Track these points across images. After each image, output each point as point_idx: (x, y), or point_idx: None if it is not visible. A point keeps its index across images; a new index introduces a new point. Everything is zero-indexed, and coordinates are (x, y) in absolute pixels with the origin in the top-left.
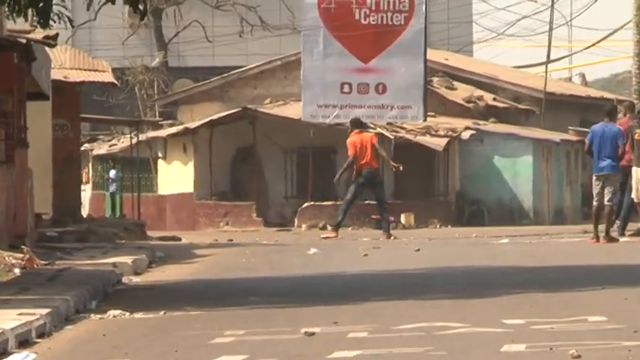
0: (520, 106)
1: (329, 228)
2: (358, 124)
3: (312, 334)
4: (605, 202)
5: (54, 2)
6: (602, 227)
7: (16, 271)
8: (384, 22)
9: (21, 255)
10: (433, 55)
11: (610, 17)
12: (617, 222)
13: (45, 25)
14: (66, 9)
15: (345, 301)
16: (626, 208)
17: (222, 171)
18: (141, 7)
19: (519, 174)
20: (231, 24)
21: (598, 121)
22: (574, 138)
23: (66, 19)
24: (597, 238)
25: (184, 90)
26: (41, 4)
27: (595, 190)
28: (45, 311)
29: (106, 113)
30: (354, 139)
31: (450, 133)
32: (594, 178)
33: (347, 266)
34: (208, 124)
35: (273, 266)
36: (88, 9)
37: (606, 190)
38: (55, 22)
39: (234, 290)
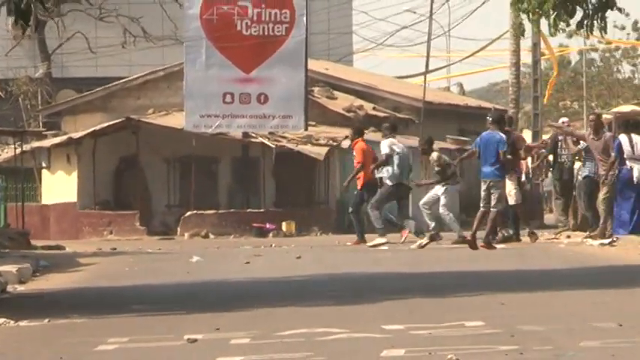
0: (399, 115)
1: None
2: (362, 133)
3: (195, 340)
4: (491, 208)
5: None
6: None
7: None
8: (266, 33)
9: None
10: (314, 65)
11: (487, 28)
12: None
13: None
14: None
15: (227, 308)
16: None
17: (106, 180)
18: (31, 21)
19: None
20: (115, 35)
21: (476, 129)
22: (452, 146)
23: None
24: (472, 239)
25: (68, 100)
26: None
27: (482, 195)
28: None
29: None
30: (363, 145)
31: (330, 142)
32: (481, 183)
33: (229, 274)
34: (92, 135)
35: (156, 274)
36: None
37: (492, 197)
38: None
39: (118, 298)
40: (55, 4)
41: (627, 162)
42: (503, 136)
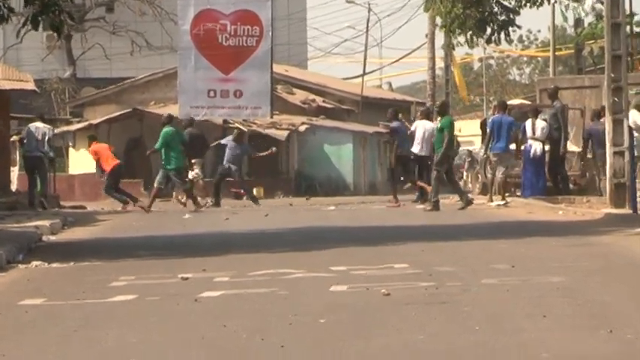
0: (343, 106)
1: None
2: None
3: (187, 278)
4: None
5: None
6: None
7: None
8: (240, 44)
9: None
10: (277, 68)
11: (410, 40)
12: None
13: None
14: None
15: (211, 253)
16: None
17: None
18: (63, 32)
19: (342, 157)
20: (124, 45)
21: (402, 117)
22: (383, 130)
23: None
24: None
25: (89, 95)
26: None
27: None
28: None
29: (29, 113)
30: None
31: (290, 126)
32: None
33: (213, 228)
34: (107, 121)
35: (156, 228)
36: (17, 37)
37: (500, 166)
38: None
39: (127, 246)
40: (79, 21)
41: (529, 141)
42: (512, 119)
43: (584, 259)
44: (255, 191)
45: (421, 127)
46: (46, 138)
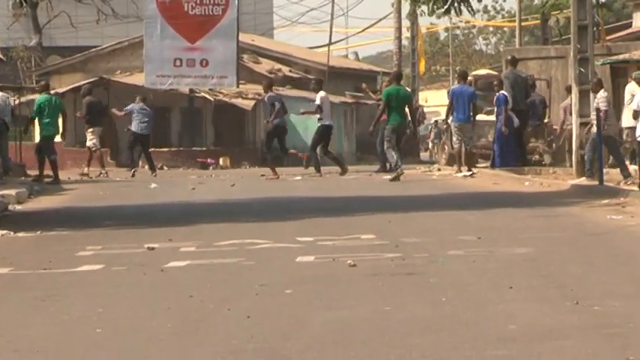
0: (309, 76)
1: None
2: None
3: (153, 248)
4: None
5: None
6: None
7: None
8: (207, 13)
9: None
10: (243, 37)
11: (377, 9)
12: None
13: None
14: None
15: (178, 223)
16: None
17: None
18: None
19: (309, 127)
20: (91, 13)
21: (368, 87)
22: (350, 100)
23: None
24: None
25: (55, 64)
26: None
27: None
28: None
29: None
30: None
31: (256, 96)
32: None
33: (179, 197)
34: (73, 90)
35: (123, 197)
36: None
37: (465, 136)
38: None
39: (94, 215)
40: None
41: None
42: (473, 89)
43: (550, 230)
44: (221, 161)
45: (320, 99)
46: (8, 106)
